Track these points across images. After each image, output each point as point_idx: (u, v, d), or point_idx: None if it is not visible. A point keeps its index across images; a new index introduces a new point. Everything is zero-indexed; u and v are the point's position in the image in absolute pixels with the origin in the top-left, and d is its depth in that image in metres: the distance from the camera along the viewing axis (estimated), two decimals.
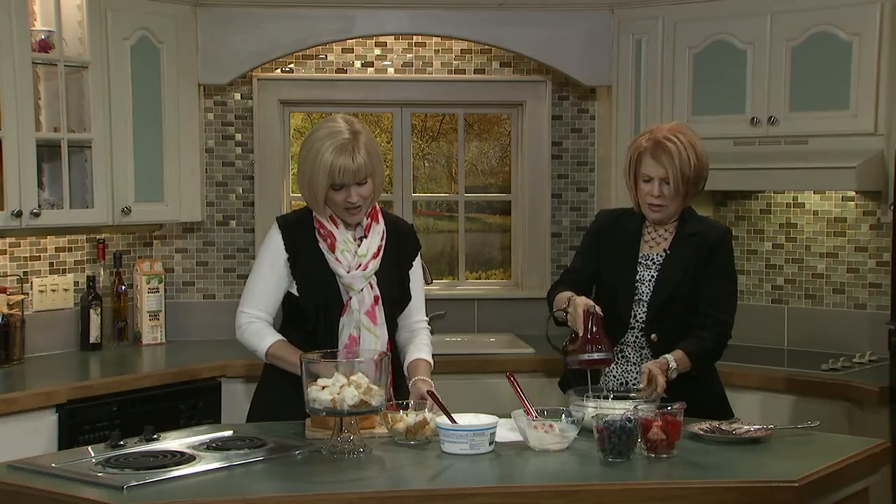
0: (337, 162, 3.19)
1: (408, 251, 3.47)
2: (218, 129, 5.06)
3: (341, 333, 3.31)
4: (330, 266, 3.30)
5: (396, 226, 3.47)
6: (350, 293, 3.31)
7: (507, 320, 5.16)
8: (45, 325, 4.54)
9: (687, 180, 3.34)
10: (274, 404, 3.33)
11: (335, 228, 3.32)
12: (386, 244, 3.37)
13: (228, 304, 5.06)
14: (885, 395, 3.84)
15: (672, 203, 3.37)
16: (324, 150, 3.20)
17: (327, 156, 3.19)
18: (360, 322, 3.30)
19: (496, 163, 5.46)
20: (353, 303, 3.31)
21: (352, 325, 3.30)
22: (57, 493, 2.55)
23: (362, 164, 3.21)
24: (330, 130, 3.24)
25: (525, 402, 3.02)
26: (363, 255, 3.31)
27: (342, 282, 3.30)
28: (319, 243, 3.32)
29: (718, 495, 2.60)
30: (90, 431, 3.91)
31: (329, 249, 3.30)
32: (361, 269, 3.30)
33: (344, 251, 3.30)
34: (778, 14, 4.43)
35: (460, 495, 2.56)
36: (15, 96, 4.08)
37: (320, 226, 3.32)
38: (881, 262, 4.51)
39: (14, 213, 4.08)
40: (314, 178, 3.22)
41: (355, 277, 3.29)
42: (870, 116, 4.22)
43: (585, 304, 3.20)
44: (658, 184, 3.35)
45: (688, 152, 3.33)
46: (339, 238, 3.31)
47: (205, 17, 4.78)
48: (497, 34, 4.94)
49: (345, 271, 3.29)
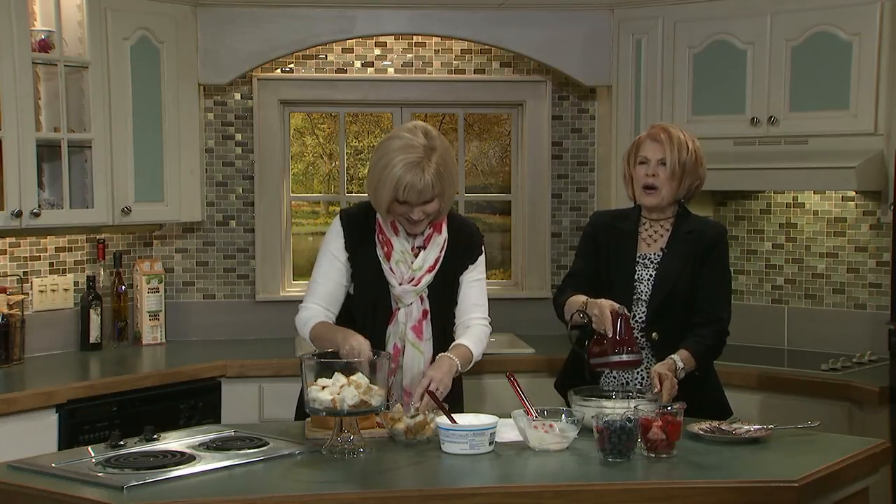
0: (404, 179, 3.07)
1: (468, 258, 3.34)
2: (218, 129, 5.06)
3: (387, 342, 3.24)
4: (384, 274, 3.24)
5: (460, 233, 3.33)
6: (399, 304, 3.25)
7: (507, 320, 5.16)
8: (45, 325, 4.54)
9: (683, 165, 3.39)
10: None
11: (394, 236, 3.24)
12: (446, 255, 3.27)
13: (228, 304, 5.07)
14: (885, 395, 3.84)
15: (666, 186, 3.40)
16: (394, 162, 3.08)
17: (396, 170, 3.07)
18: (406, 336, 3.24)
19: (496, 163, 5.46)
20: (400, 315, 3.25)
21: (397, 336, 3.25)
22: (57, 493, 2.55)
23: (429, 183, 3.08)
24: (406, 143, 3.11)
25: (525, 402, 3.02)
26: (418, 269, 3.23)
27: (393, 292, 3.24)
28: (377, 248, 3.25)
29: (718, 495, 2.60)
30: (90, 431, 3.91)
31: (385, 258, 3.23)
32: (413, 284, 3.23)
33: (399, 262, 3.23)
34: (778, 14, 4.43)
35: (460, 495, 2.56)
36: (15, 96, 4.08)
37: (380, 231, 3.25)
38: (881, 262, 4.51)
39: (14, 213, 4.08)
40: (380, 187, 3.11)
41: (406, 291, 3.23)
42: (870, 116, 4.22)
43: (612, 305, 3.21)
44: (654, 164, 3.40)
45: (686, 141, 3.41)
46: (397, 248, 3.23)
47: (205, 17, 4.78)
48: (497, 34, 4.94)
49: (397, 283, 3.23)
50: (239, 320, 5.00)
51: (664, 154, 3.39)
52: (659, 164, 3.40)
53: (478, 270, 3.37)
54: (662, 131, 3.43)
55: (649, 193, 3.43)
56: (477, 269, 3.37)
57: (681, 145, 3.39)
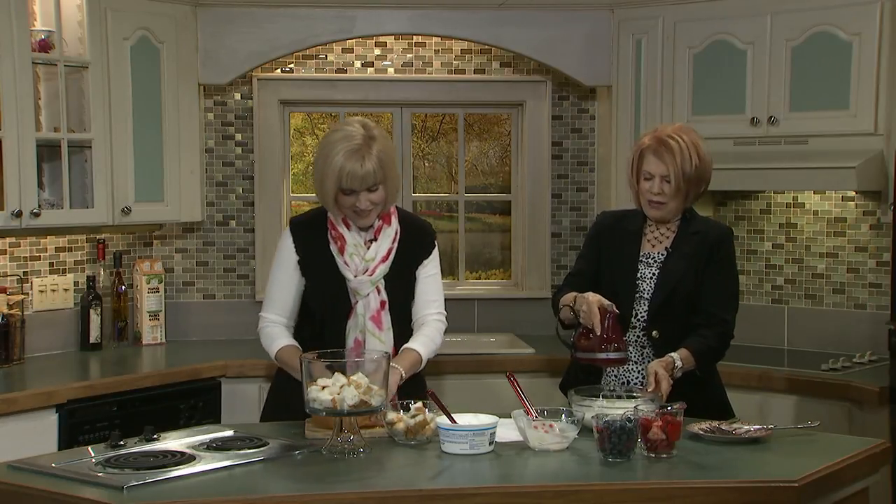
0: (346, 166, 3.17)
1: (422, 252, 3.43)
2: (218, 129, 5.06)
3: (347, 337, 3.30)
4: (339, 269, 3.30)
5: (412, 226, 3.44)
6: (357, 297, 3.31)
7: (507, 320, 5.17)
8: (45, 325, 4.54)
9: (688, 179, 3.35)
10: (286, 405, 3.32)
11: (346, 231, 3.31)
12: (398, 247, 3.35)
13: (228, 304, 5.07)
14: (885, 395, 3.84)
15: (672, 201, 3.38)
16: (335, 153, 3.19)
17: (338, 159, 3.18)
18: (365, 327, 3.30)
19: (496, 163, 5.46)
20: (358, 307, 3.31)
21: (357, 329, 3.30)
22: (57, 493, 2.55)
23: (370, 171, 3.18)
24: (345, 134, 3.22)
25: (525, 402, 3.02)
26: (371, 260, 3.30)
27: (349, 285, 3.30)
28: (331, 245, 3.32)
29: (718, 495, 2.60)
30: (90, 431, 3.91)
31: (339, 252, 3.30)
32: (368, 274, 3.29)
33: (353, 255, 3.30)
34: (778, 14, 4.43)
35: (460, 495, 2.56)
36: (15, 96, 4.08)
37: (332, 227, 3.32)
38: (881, 262, 4.51)
39: (14, 213, 4.08)
40: (325, 179, 3.21)
41: (362, 282, 3.29)
42: (870, 116, 4.22)
43: (600, 300, 3.21)
44: (659, 181, 3.36)
45: (690, 151, 3.34)
46: (350, 241, 3.30)
47: (205, 17, 4.78)
48: (497, 34, 4.94)
49: (352, 275, 3.29)
50: (239, 320, 5.00)
51: (668, 171, 3.34)
52: (664, 181, 3.36)
53: (432, 265, 3.45)
54: (663, 145, 3.35)
55: (655, 208, 3.40)
56: (431, 263, 3.45)
57: (684, 158, 3.33)
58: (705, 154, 3.39)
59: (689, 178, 3.34)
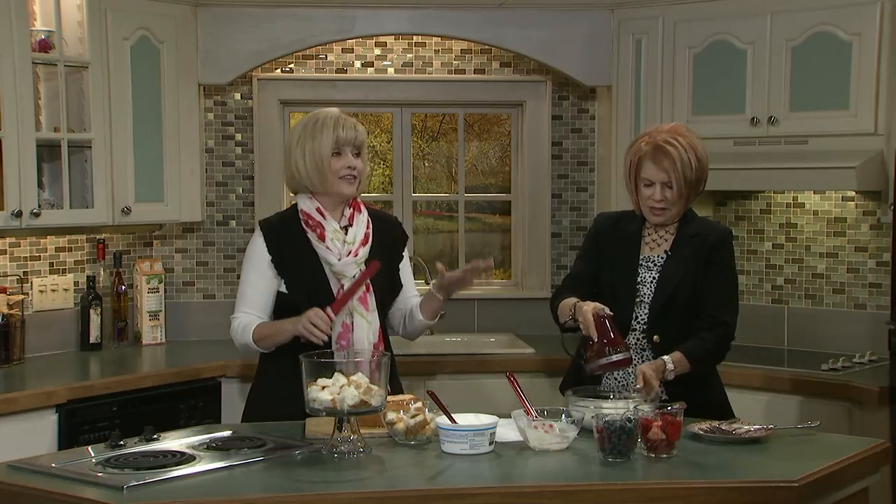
0: (341, 121, 3.36)
1: (396, 242, 3.52)
2: (218, 129, 5.06)
3: (335, 324, 3.30)
4: (319, 256, 3.34)
5: (381, 219, 3.53)
6: (342, 281, 3.33)
7: (507, 320, 5.16)
8: (45, 325, 4.54)
9: (689, 183, 3.34)
10: (268, 404, 3.33)
11: (323, 219, 3.36)
12: (373, 234, 3.41)
13: (228, 304, 5.02)
14: (885, 395, 3.84)
15: (674, 206, 3.37)
16: (323, 116, 3.37)
17: (329, 121, 3.35)
18: (354, 307, 3.32)
19: (496, 163, 5.46)
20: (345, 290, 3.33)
21: (344, 312, 3.31)
22: (57, 493, 2.55)
23: (362, 130, 3.38)
24: (315, 113, 3.42)
25: (525, 402, 3.02)
26: (352, 243, 3.35)
27: (333, 270, 3.33)
28: (308, 234, 3.35)
29: (718, 495, 2.60)
30: (90, 431, 3.91)
31: (319, 239, 3.34)
32: (353, 256, 3.34)
33: (333, 239, 3.34)
34: (778, 14, 4.43)
35: (460, 495, 2.56)
36: (15, 96, 4.08)
37: (308, 217, 3.37)
38: (881, 262, 4.51)
39: (14, 213, 4.08)
40: (318, 146, 3.32)
41: (347, 264, 3.33)
42: (870, 116, 4.22)
43: (594, 308, 3.20)
44: (660, 188, 3.34)
45: (689, 155, 3.32)
46: (328, 227, 3.35)
47: (205, 17, 4.78)
48: (497, 34, 4.94)
49: (336, 259, 3.33)
50: None
51: (668, 177, 3.32)
52: (665, 188, 3.34)
53: (406, 256, 3.58)
54: (661, 151, 3.31)
55: (658, 214, 3.39)
56: (406, 254, 3.58)
57: (684, 164, 3.30)
58: (702, 154, 3.37)
59: (689, 181, 3.33)
